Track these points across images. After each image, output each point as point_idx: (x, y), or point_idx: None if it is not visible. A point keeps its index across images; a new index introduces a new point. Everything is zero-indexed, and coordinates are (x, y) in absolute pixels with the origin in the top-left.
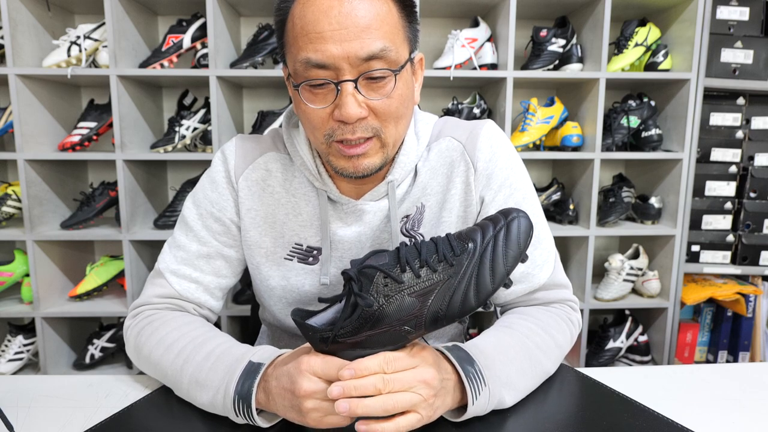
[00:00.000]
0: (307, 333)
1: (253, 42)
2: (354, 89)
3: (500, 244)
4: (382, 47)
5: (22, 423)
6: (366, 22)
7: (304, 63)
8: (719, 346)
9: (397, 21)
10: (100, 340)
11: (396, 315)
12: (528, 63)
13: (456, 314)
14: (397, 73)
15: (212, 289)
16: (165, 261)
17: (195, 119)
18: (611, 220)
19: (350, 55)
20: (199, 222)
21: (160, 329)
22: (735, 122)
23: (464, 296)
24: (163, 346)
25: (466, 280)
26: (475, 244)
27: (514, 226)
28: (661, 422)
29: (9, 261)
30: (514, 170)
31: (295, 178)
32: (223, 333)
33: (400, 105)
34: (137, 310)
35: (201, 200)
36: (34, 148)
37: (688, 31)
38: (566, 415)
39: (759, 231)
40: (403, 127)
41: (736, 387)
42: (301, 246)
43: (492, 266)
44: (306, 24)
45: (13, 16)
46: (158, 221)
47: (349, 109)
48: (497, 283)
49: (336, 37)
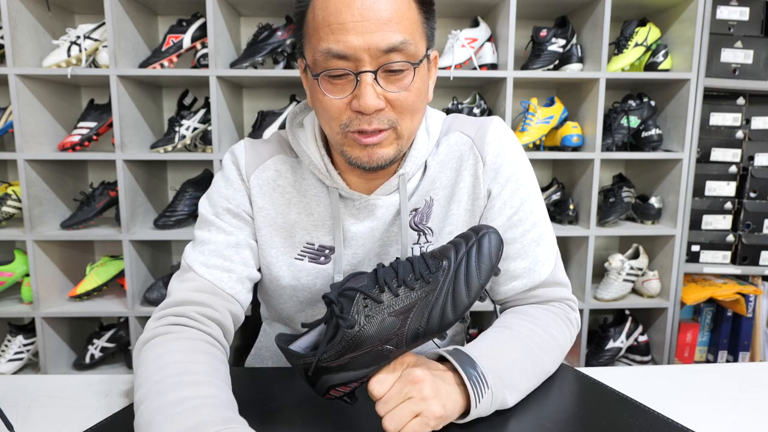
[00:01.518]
0: (291, 359)
1: (253, 42)
2: (373, 80)
3: (473, 259)
4: (403, 40)
5: (22, 423)
6: (387, 15)
7: (325, 53)
8: (719, 346)
9: (416, 17)
10: (100, 340)
11: (377, 335)
12: (528, 63)
13: (435, 329)
14: (416, 66)
15: (243, 279)
16: (190, 257)
17: (195, 119)
18: (611, 220)
19: (371, 47)
20: (217, 217)
21: (165, 344)
22: (735, 122)
23: (442, 311)
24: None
25: (443, 296)
26: (449, 261)
27: (485, 241)
28: (661, 422)
29: (9, 261)
30: (521, 166)
31: (304, 180)
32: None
33: (417, 99)
34: (165, 311)
35: (216, 199)
36: (34, 148)
37: (688, 31)
38: (566, 415)
39: (759, 231)
40: (417, 121)
41: (736, 387)
42: (312, 245)
43: (467, 281)
44: (328, 15)
45: (13, 16)
46: (158, 221)
47: (368, 99)
48: (473, 297)
49: (358, 28)
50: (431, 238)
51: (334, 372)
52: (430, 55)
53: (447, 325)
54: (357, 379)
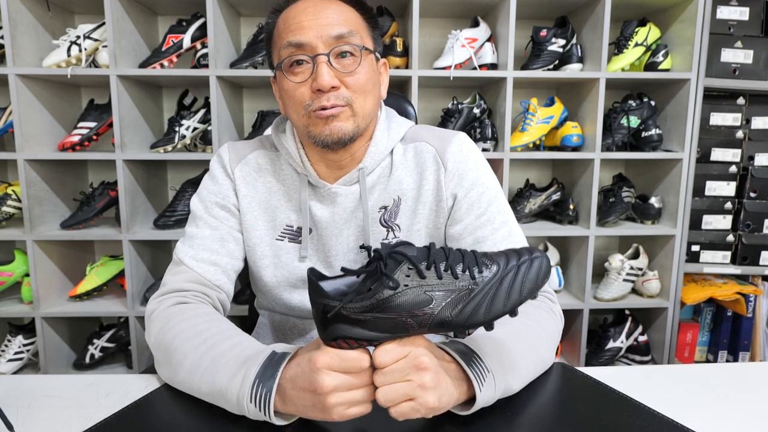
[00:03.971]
0: (315, 296)
1: (253, 42)
2: (327, 62)
3: (521, 274)
4: (349, 30)
5: (22, 423)
6: (336, 16)
7: (287, 45)
8: (719, 346)
9: (362, 23)
10: (100, 340)
11: (408, 306)
12: (528, 63)
13: (461, 324)
14: (361, 49)
15: (228, 271)
16: (181, 251)
17: (195, 119)
18: (611, 220)
19: (323, 35)
20: (206, 213)
21: (191, 318)
22: (735, 122)
23: (475, 310)
24: (192, 331)
25: (482, 296)
26: (498, 267)
27: (536, 263)
28: (661, 422)
29: (9, 261)
30: (483, 171)
31: (282, 170)
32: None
33: (367, 81)
34: (163, 297)
35: (205, 195)
36: (34, 148)
37: (688, 31)
38: (566, 415)
39: (759, 231)
40: (371, 104)
41: (736, 387)
42: (291, 227)
43: (509, 291)
44: (288, 21)
45: (13, 16)
46: (158, 221)
47: (324, 77)
48: (508, 308)
49: (312, 24)
50: (399, 234)
51: (351, 324)
52: (379, 59)
53: (473, 324)
54: (368, 339)
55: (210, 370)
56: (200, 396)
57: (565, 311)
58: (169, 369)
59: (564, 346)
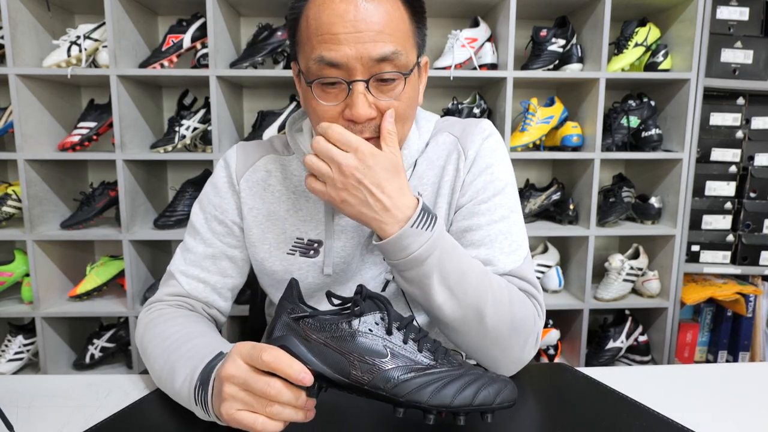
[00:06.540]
0: (287, 298)
1: (253, 42)
2: (365, 89)
3: (481, 382)
4: (394, 50)
5: (22, 423)
6: (379, 26)
7: (318, 61)
8: (719, 346)
9: (408, 26)
10: (100, 340)
11: (361, 350)
12: (528, 63)
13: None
14: (406, 76)
15: (219, 289)
16: (176, 263)
17: (195, 119)
18: (611, 220)
19: (363, 57)
20: (204, 225)
21: (164, 323)
22: (735, 122)
23: (423, 386)
24: (160, 337)
25: (435, 377)
26: (463, 367)
27: (500, 384)
28: (661, 422)
29: (9, 261)
30: (500, 161)
31: (294, 176)
32: (218, 335)
33: (408, 107)
34: (151, 306)
35: (206, 205)
36: (34, 148)
37: (688, 31)
38: (566, 415)
39: (759, 231)
40: (408, 128)
41: (736, 387)
42: (302, 240)
43: (462, 389)
44: (321, 25)
45: (13, 16)
46: (158, 221)
47: (360, 108)
48: (454, 405)
49: (351, 39)
50: None
51: (300, 338)
52: (420, 62)
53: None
54: (304, 360)
55: (170, 373)
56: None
57: (565, 311)
58: (151, 373)
59: (564, 346)
